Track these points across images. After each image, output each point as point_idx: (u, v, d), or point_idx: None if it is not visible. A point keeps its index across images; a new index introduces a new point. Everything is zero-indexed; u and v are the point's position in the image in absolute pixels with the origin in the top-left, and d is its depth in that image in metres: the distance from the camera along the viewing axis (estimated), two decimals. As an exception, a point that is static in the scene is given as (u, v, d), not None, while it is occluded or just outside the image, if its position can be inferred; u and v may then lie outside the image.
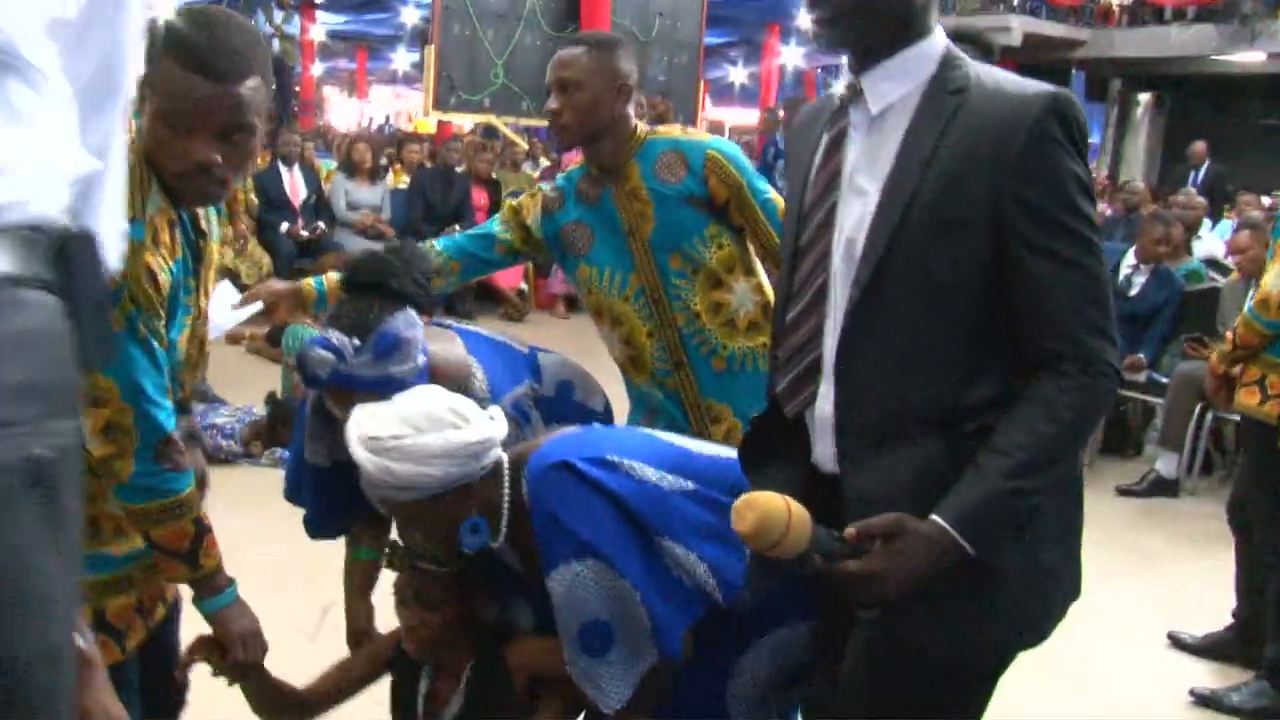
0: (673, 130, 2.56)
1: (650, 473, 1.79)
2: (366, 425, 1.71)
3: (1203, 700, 3.19)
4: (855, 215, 1.61)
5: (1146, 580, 4.15)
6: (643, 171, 2.43)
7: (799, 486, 1.59)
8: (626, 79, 2.42)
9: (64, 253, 0.77)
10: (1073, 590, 1.63)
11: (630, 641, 1.70)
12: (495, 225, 2.58)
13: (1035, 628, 1.60)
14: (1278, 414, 3.07)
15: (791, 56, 22.22)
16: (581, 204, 2.51)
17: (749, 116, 20.34)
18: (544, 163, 10.66)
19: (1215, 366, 3.40)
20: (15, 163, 0.77)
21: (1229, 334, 3.33)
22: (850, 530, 1.48)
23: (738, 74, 25.32)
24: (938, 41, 1.60)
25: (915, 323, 1.56)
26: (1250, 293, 5.17)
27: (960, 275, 1.53)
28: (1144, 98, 17.87)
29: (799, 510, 1.45)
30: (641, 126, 2.48)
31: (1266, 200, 11.45)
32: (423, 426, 1.70)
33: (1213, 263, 6.84)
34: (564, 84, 2.40)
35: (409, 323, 1.92)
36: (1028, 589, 1.56)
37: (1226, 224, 10.00)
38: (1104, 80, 17.65)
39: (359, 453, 1.70)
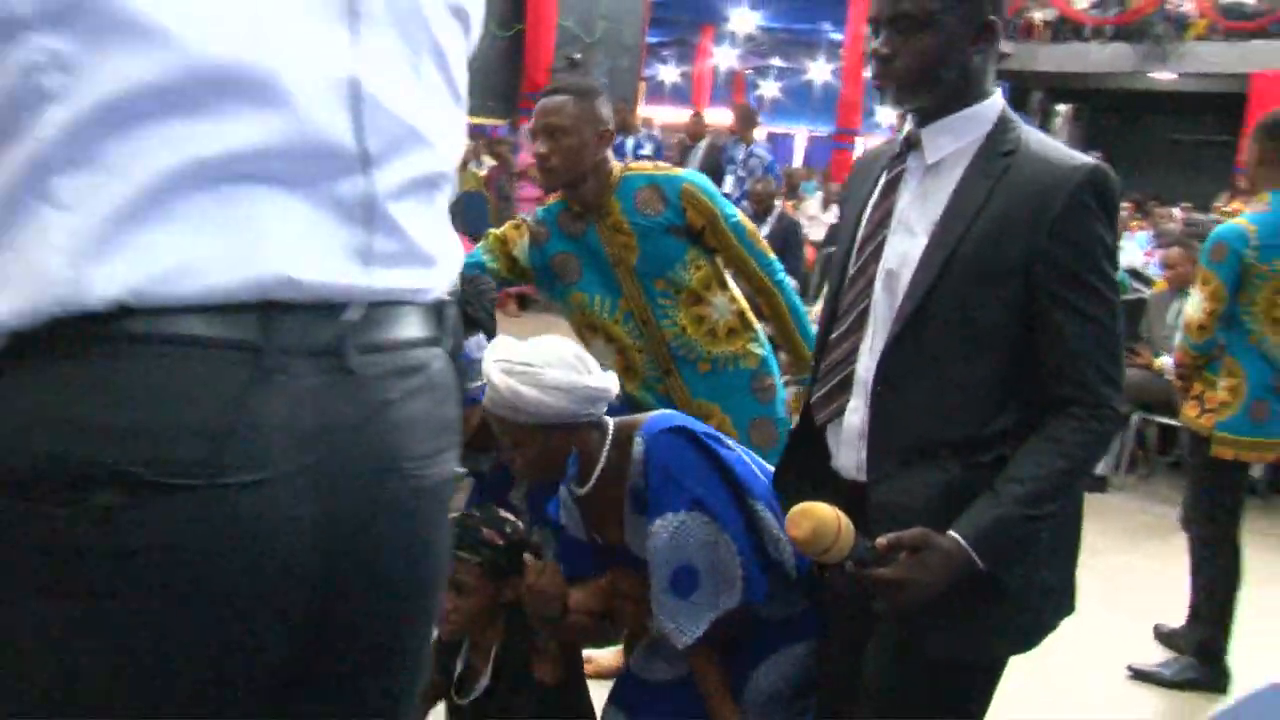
0: (645, 167, 2.76)
1: (742, 451, 2.06)
2: (504, 351, 1.96)
3: (1139, 675, 3.55)
4: (900, 251, 1.75)
5: (1087, 570, 4.50)
6: (624, 207, 2.63)
7: (826, 492, 1.74)
8: (607, 124, 2.63)
9: (441, 315, 1.01)
10: (1067, 606, 1.77)
11: (713, 588, 1.93)
12: (481, 254, 2.75)
13: (1027, 637, 1.74)
14: (1210, 426, 3.37)
15: (724, 58, 22.65)
16: (566, 237, 2.69)
17: (679, 115, 20.75)
18: (488, 161, 10.82)
19: (1176, 383, 3.69)
20: (442, 254, 1.01)
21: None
22: (882, 541, 1.63)
23: (669, 73, 25.70)
24: (995, 103, 1.75)
25: (949, 357, 1.70)
26: (1175, 304, 5.59)
27: (992, 319, 1.68)
28: (1063, 109, 18.58)
29: (847, 523, 1.61)
30: (616, 165, 2.69)
31: (1177, 212, 12.07)
32: (552, 362, 1.94)
33: (1134, 273, 7.24)
34: (552, 130, 2.58)
35: (479, 345, 2.19)
36: (1025, 604, 1.70)
37: (1143, 236, 10.54)
38: (1026, 92, 18.31)
39: (494, 373, 1.93)
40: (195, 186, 0.84)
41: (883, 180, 1.82)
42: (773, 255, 2.80)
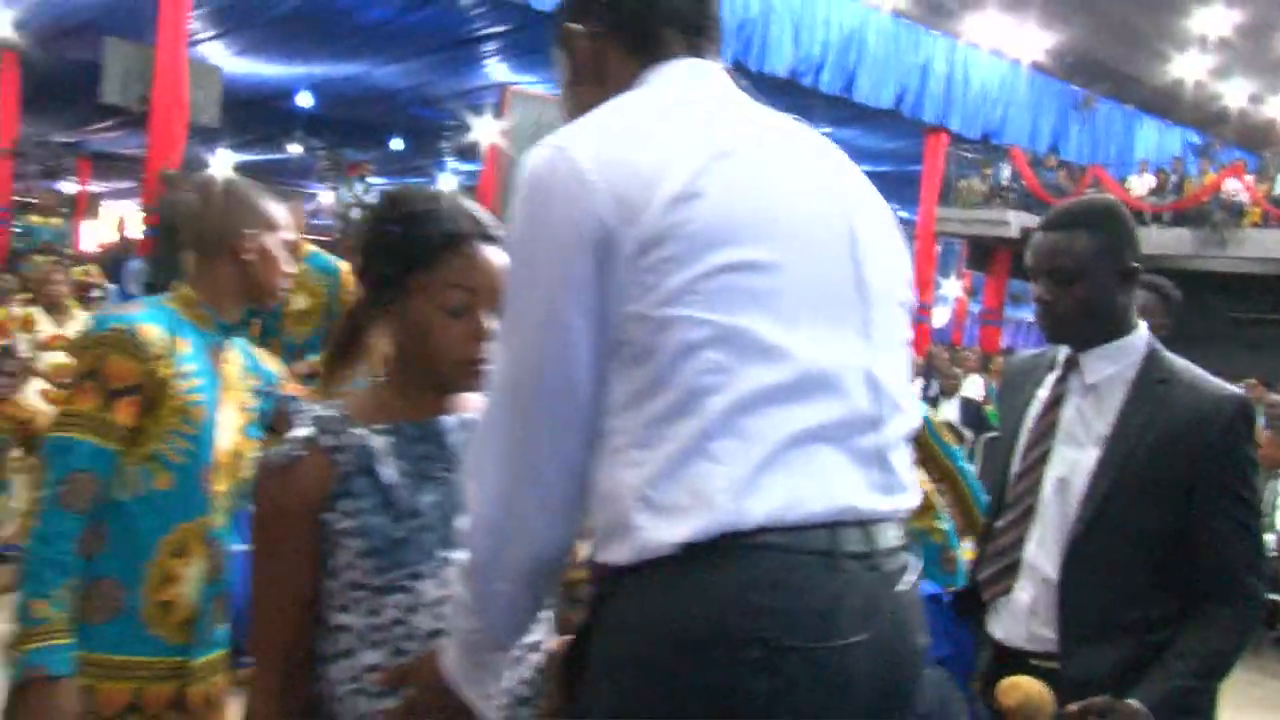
0: None
1: None
2: None
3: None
4: (1069, 461, 2.01)
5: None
6: None
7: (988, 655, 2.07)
8: None
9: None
10: None
11: None
12: None
13: None
14: None
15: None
16: None
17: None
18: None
19: None
20: (912, 484, 1.29)
21: None
22: (1073, 708, 1.82)
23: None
24: (1143, 334, 2.03)
25: (1121, 554, 1.94)
26: (1270, 484, 5.92)
27: (1156, 523, 1.93)
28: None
29: (1049, 694, 1.87)
30: None
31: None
32: None
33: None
34: None
35: None
36: None
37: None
38: (1088, 270, 18.86)
39: None
40: (796, 447, 1.16)
41: (1045, 395, 2.10)
42: (955, 445, 3.25)
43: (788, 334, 1.18)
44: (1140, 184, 17.14)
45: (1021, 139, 16.15)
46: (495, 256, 1.48)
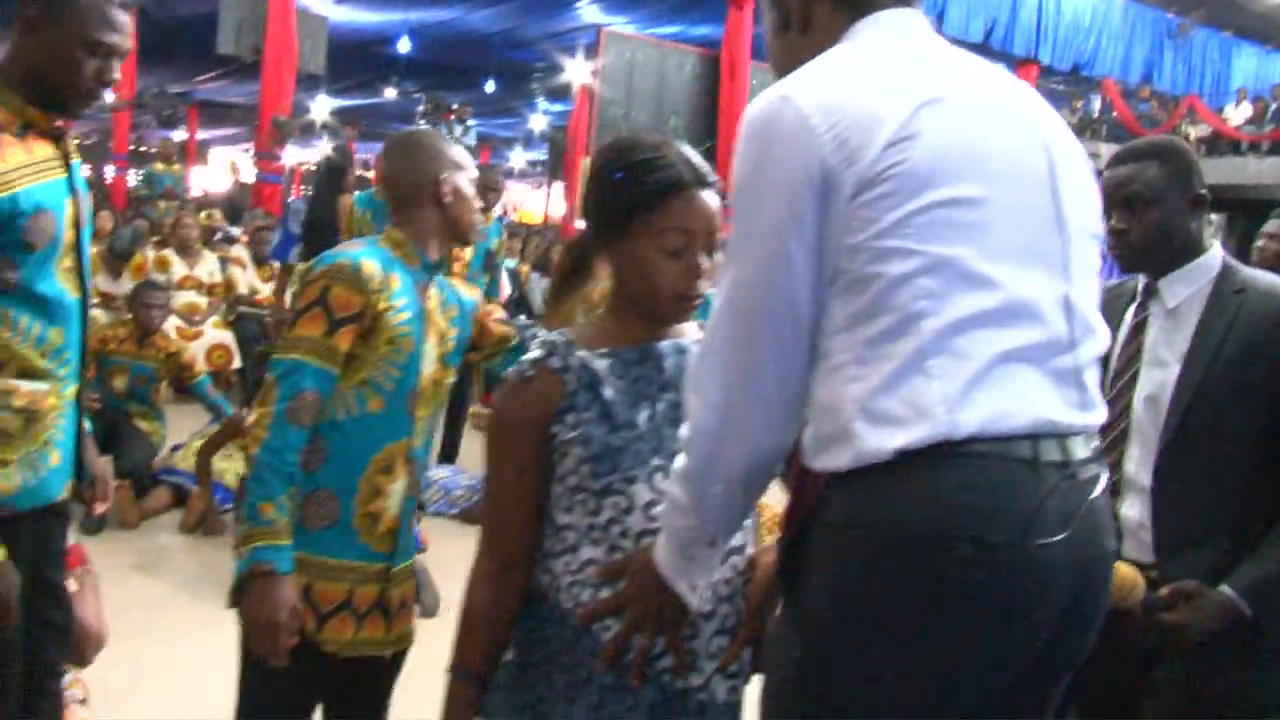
0: None
1: None
2: None
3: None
4: (1157, 379, 2.06)
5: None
6: None
7: None
8: None
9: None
10: None
11: None
12: None
13: None
14: None
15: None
16: None
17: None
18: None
19: None
20: (1101, 402, 1.35)
21: None
22: (1164, 591, 1.95)
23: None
24: (1216, 253, 2.08)
25: (1212, 459, 1.98)
26: None
27: (1245, 425, 1.97)
28: (1216, 218, 18.87)
29: (1141, 579, 1.98)
30: None
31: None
32: None
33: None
34: None
35: None
36: None
37: None
38: (1180, 202, 18.52)
39: None
40: (1001, 366, 1.24)
41: (1129, 322, 2.16)
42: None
43: (994, 265, 1.26)
44: (1237, 113, 16.77)
45: (1114, 70, 15.85)
46: (711, 201, 1.60)
